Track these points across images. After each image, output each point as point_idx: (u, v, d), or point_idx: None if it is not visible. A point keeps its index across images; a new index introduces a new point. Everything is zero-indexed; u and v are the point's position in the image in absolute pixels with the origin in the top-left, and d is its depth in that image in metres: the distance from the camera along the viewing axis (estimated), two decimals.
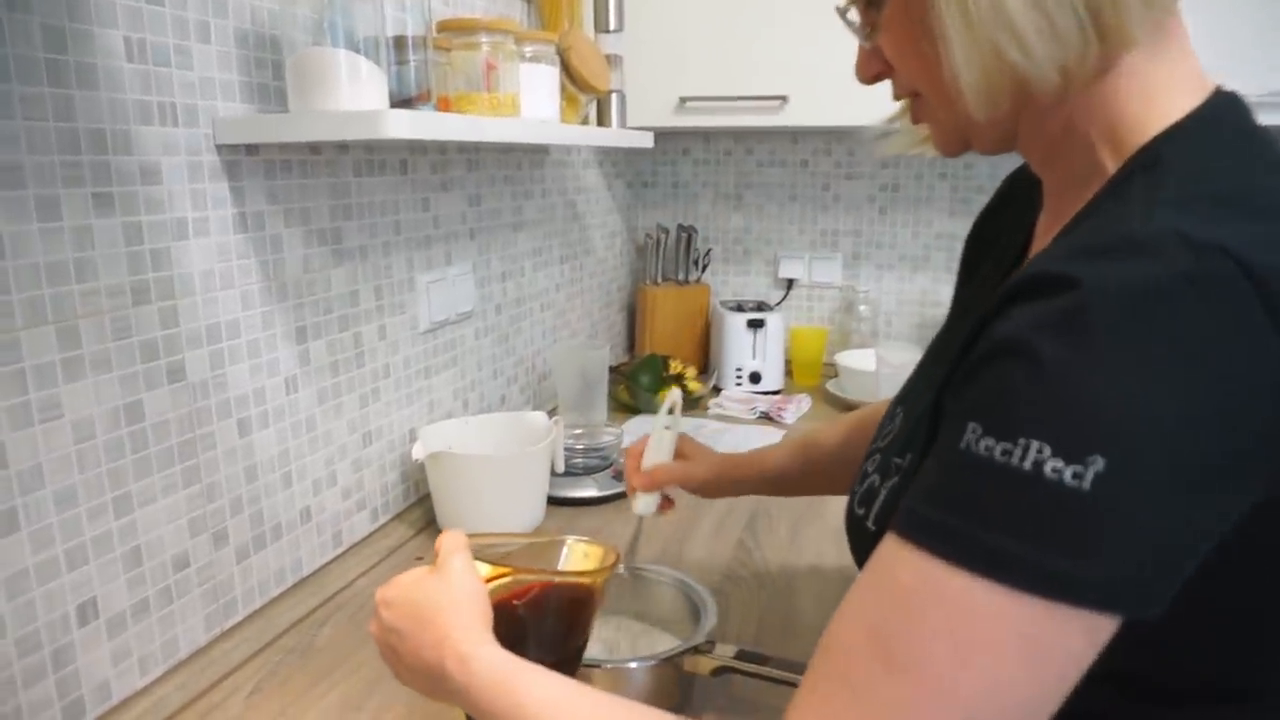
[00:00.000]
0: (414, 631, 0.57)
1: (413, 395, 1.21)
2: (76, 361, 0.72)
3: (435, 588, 0.59)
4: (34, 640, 0.70)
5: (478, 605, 0.58)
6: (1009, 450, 0.42)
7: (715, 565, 1.09)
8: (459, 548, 0.62)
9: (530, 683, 0.53)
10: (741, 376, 1.86)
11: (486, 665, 0.54)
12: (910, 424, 0.60)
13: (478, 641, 0.55)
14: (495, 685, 0.53)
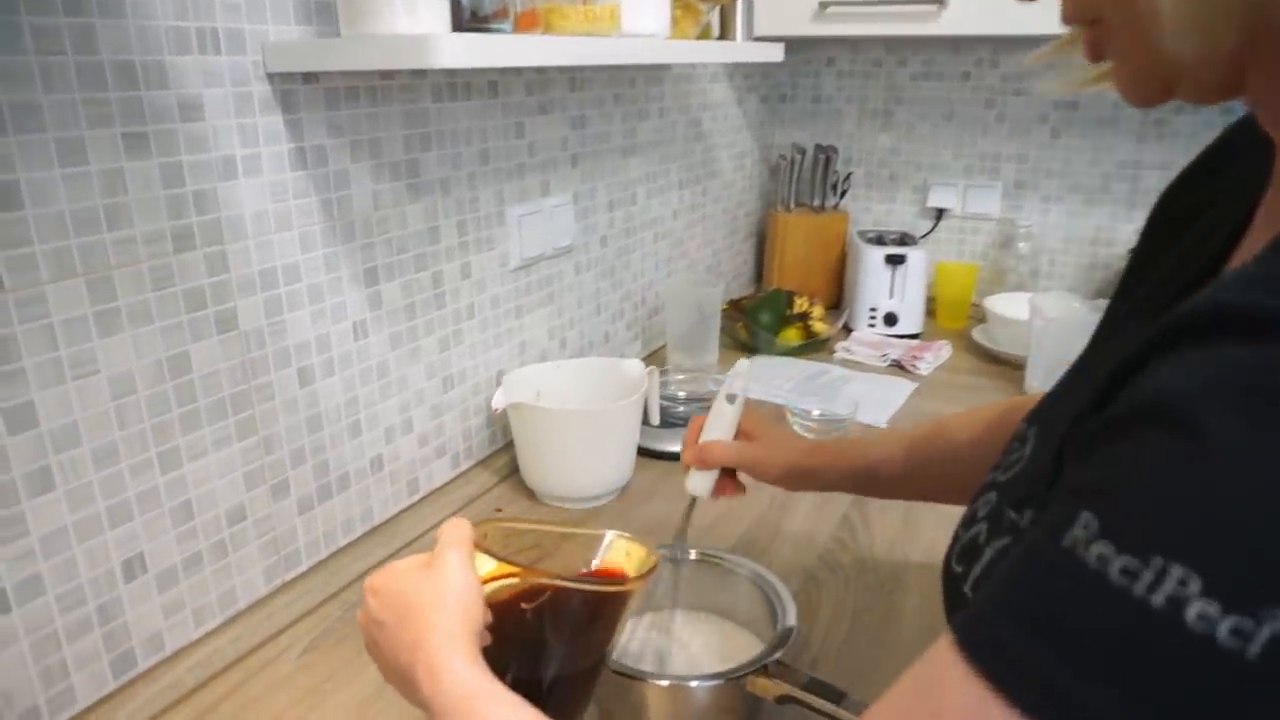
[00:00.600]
0: (394, 627, 0.52)
1: (501, 336, 1.15)
2: (111, 314, 0.68)
3: (422, 582, 0.53)
4: (77, 596, 0.69)
5: (464, 607, 0.51)
6: (1133, 571, 0.29)
7: (812, 545, 0.99)
8: (457, 540, 0.55)
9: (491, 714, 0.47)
10: (875, 317, 1.69)
11: (453, 683, 0.48)
12: (1037, 467, 0.46)
13: (452, 652, 0.49)
14: (457, 710, 0.47)
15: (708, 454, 0.77)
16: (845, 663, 0.79)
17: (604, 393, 1.14)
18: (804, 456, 0.78)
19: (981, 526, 0.48)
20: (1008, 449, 0.53)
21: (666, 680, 0.67)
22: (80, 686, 0.70)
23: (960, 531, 0.51)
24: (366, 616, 0.55)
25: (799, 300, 1.63)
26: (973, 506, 0.52)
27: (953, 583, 0.49)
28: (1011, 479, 0.49)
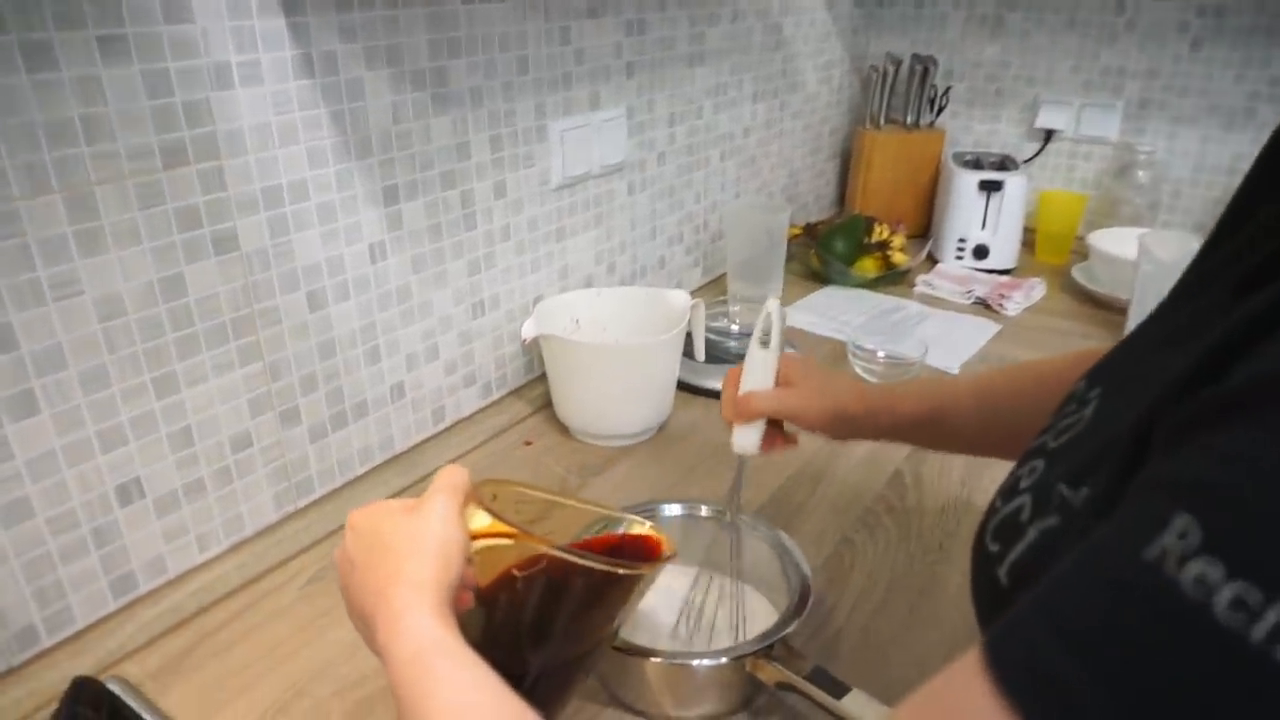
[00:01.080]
0: (365, 568, 0.48)
1: (539, 260, 1.09)
2: (94, 234, 0.65)
3: (402, 524, 0.49)
4: (69, 520, 0.68)
5: (442, 557, 0.47)
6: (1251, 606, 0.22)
7: (854, 504, 0.91)
8: (449, 487, 0.50)
9: (446, 678, 0.42)
10: (964, 249, 1.55)
11: (411, 635, 0.44)
12: (1103, 437, 0.38)
13: (418, 602, 0.45)
14: (411, 664, 0.43)
15: (746, 406, 0.70)
16: (870, 641, 0.73)
17: (647, 324, 1.07)
18: (852, 401, 0.70)
19: (1024, 500, 0.40)
20: (1061, 409, 0.45)
21: (665, 659, 0.62)
22: (78, 606, 0.70)
23: (998, 503, 0.43)
24: (342, 553, 0.51)
25: (879, 228, 1.50)
26: (1015, 474, 0.44)
27: (986, 563, 0.41)
28: (1065, 446, 0.42)
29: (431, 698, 0.41)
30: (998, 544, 0.41)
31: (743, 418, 0.70)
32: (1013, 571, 0.39)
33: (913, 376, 1.17)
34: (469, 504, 0.52)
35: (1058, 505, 0.38)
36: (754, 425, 0.70)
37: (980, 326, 1.34)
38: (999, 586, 0.39)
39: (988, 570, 0.41)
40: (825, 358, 1.24)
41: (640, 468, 0.98)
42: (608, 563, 0.52)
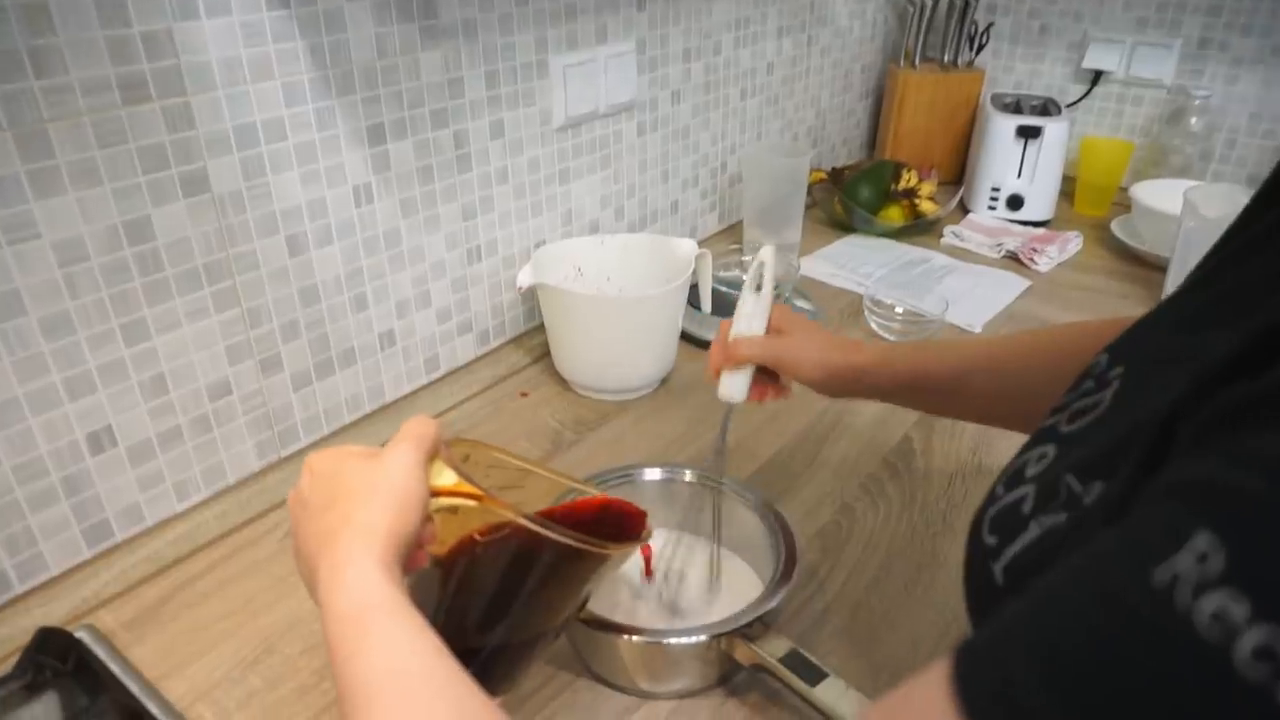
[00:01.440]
0: (316, 512, 0.46)
1: (540, 204, 1.04)
2: (49, 174, 0.62)
3: (360, 470, 0.46)
4: (37, 468, 0.67)
5: (397, 508, 0.44)
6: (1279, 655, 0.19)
7: (856, 469, 0.87)
8: (415, 436, 0.48)
9: (380, 639, 0.40)
10: (998, 198, 1.47)
11: (352, 588, 0.41)
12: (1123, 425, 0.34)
13: (364, 553, 0.42)
14: (347, 620, 0.40)
15: (733, 351, 0.67)
16: (860, 618, 0.69)
17: (652, 274, 1.02)
18: (846, 354, 0.66)
19: (1028, 490, 0.37)
20: (1078, 386, 0.41)
21: (639, 637, 0.59)
22: (50, 554, 0.70)
23: (999, 490, 0.39)
24: (296, 494, 0.48)
25: (907, 174, 1.42)
26: (1021, 458, 0.40)
27: (980, 556, 0.37)
28: (1080, 431, 0.37)
29: (361, 659, 0.39)
30: (995, 536, 0.37)
31: (730, 363, 0.67)
32: (1010, 570, 0.35)
33: (931, 335, 1.12)
34: (436, 459, 0.49)
35: (1065, 500, 0.34)
36: (742, 372, 0.67)
37: (1008, 282, 1.27)
38: (993, 584, 0.36)
39: (982, 564, 0.37)
40: (841, 312, 1.19)
41: (639, 423, 0.95)
42: (575, 538, 0.49)
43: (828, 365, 0.66)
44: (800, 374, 0.67)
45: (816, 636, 0.68)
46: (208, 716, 0.61)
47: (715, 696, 0.63)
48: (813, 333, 0.68)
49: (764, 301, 0.68)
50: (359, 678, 0.38)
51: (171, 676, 0.64)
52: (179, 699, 0.62)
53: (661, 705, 0.62)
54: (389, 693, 0.38)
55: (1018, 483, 0.38)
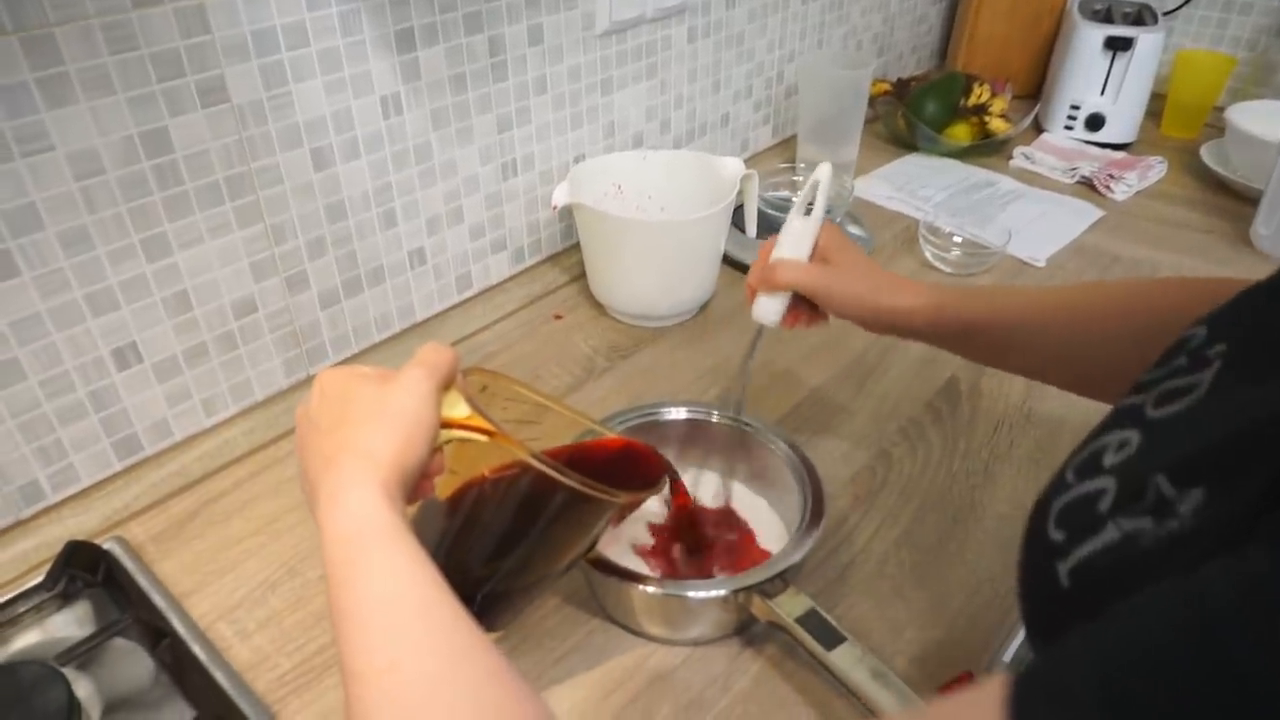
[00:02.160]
0: (323, 432, 0.45)
1: (580, 116, 0.99)
2: (59, 81, 0.59)
3: (371, 392, 0.45)
4: (64, 382, 0.67)
5: (404, 434, 0.43)
6: None
7: (897, 411, 0.83)
8: (429, 364, 0.46)
9: (378, 565, 0.39)
10: (1076, 117, 1.36)
11: (351, 512, 0.40)
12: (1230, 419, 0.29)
13: (367, 478, 0.41)
14: (346, 543, 0.40)
15: (772, 274, 0.64)
16: (886, 573, 0.67)
17: (695, 193, 0.97)
18: (892, 294, 0.62)
19: (1107, 483, 0.32)
20: (1168, 361, 0.36)
21: (656, 588, 0.57)
22: (81, 466, 0.70)
23: (1070, 477, 0.35)
24: (304, 411, 0.47)
25: (978, 89, 1.32)
26: (1096, 442, 0.35)
27: (1043, 551, 0.33)
28: (1172, 419, 0.33)
29: (357, 584, 0.38)
30: (1063, 532, 0.33)
31: (767, 286, 0.64)
32: (1079, 573, 0.31)
33: (990, 268, 1.06)
34: (451, 388, 0.47)
35: (1154, 503, 0.29)
36: (779, 296, 0.64)
37: (1080, 211, 1.19)
38: (1057, 585, 0.32)
39: (1045, 561, 0.33)
40: (895, 238, 1.13)
41: (674, 351, 0.92)
42: (585, 483, 0.47)
43: (871, 304, 0.62)
44: (841, 309, 0.63)
45: (840, 589, 0.66)
46: (229, 636, 0.62)
47: (732, 645, 0.62)
48: (861, 265, 0.64)
49: (812, 224, 0.64)
50: (352, 603, 0.38)
51: (195, 593, 0.65)
52: (201, 616, 0.63)
53: (677, 651, 0.61)
54: (382, 620, 0.37)
55: (1093, 472, 0.34)
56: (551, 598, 0.65)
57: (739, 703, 0.58)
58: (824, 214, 0.65)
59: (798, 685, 0.59)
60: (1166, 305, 0.54)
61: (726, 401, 0.72)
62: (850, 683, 0.52)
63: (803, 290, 0.64)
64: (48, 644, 0.61)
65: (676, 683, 0.59)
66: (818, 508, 0.62)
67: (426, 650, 0.37)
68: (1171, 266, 1.06)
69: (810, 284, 0.63)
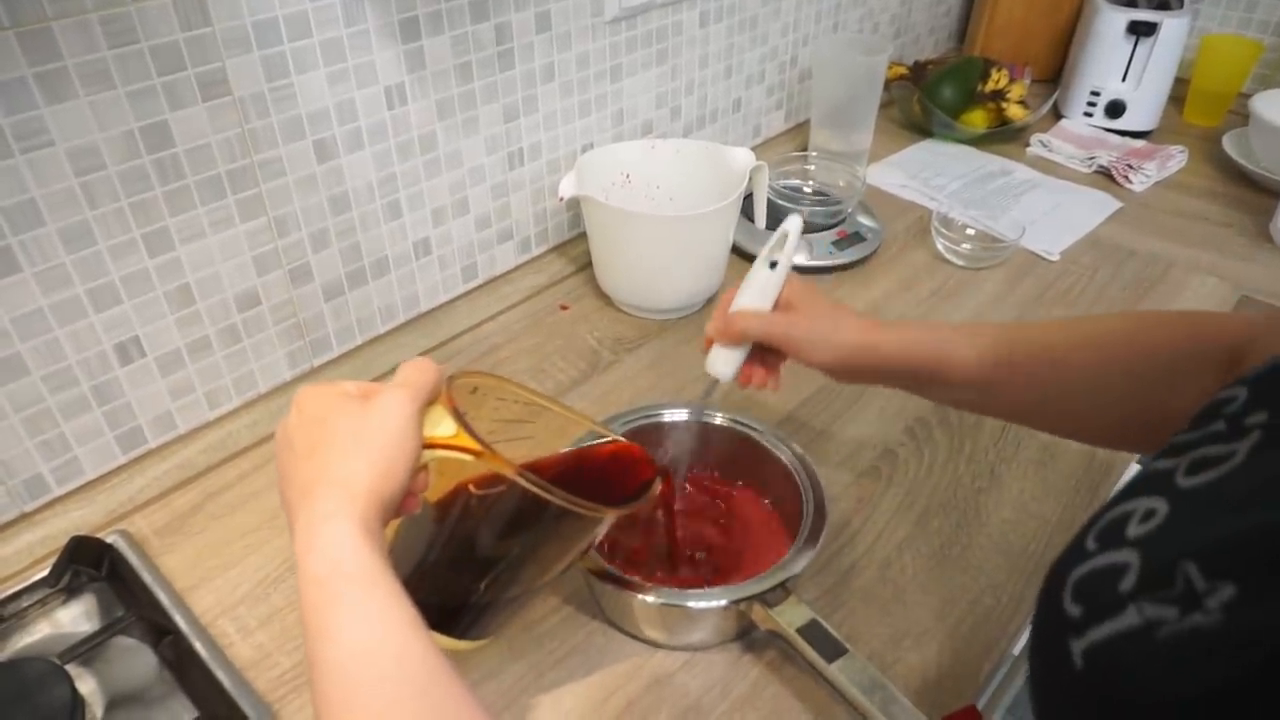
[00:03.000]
0: (300, 456, 0.43)
1: (589, 104, 0.97)
2: (58, 76, 0.58)
3: (349, 414, 0.44)
4: (66, 377, 0.67)
5: (384, 464, 0.42)
6: None
7: (904, 411, 0.82)
8: (412, 385, 0.45)
9: (353, 611, 0.38)
10: (1095, 104, 1.34)
11: (328, 550, 0.39)
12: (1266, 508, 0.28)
13: (344, 511, 0.40)
14: (320, 584, 0.39)
15: (733, 325, 0.60)
16: (888, 577, 0.67)
17: (704, 184, 0.96)
18: (859, 333, 0.59)
19: (1130, 558, 0.30)
20: (1202, 425, 0.33)
21: (656, 597, 0.57)
22: (86, 459, 0.71)
23: (1090, 544, 0.32)
24: (283, 431, 0.46)
25: (996, 74, 1.30)
26: (1119, 508, 0.32)
27: (1057, 624, 0.31)
28: (1204, 489, 0.30)
29: (331, 634, 0.37)
30: (1080, 607, 0.30)
31: (725, 337, 0.61)
32: (1094, 655, 0.29)
33: (1003, 261, 1.04)
34: (436, 404, 0.46)
35: (1181, 594, 0.27)
36: (736, 349, 0.61)
37: (1097, 202, 1.17)
38: (1069, 664, 0.30)
39: (1058, 636, 0.31)
40: (906, 230, 1.11)
41: (681, 345, 0.91)
42: (572, 501, 0.47)
43: (838, 346, 0.59)
44: (807, 355, 0.60)
45: (840, 594, 0.65)
46: (231, 633, 0.62)
47: (731, 650, 0.62)
48: (825, 310, 0.61)
49: (777, 276, 0.61)
50: (329, 657, 0.37)
51: (198, 588, 0.65)
52: (204, 613, 0.63)
53: (676, 655, 0.61)
54: (358, 675, 0.36)
55: (1115, 542, 0.31)
56: (551, 599, 0.65)
57: (737, 708, 0.58)
58: (789, 268, 0.61)
59: (797, 691, 0.59)
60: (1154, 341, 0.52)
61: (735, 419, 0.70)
62: (850, 696, 0.52)
63: (764, 339, 0.61)
64: (52, 639, 0.62)
65: (675, 687, 0.59)
66: (820, 515, 0.62)
67: (405, 705, 0.35)
68: (1187, 261, 1.04)
69: (770, 332, 0.60)
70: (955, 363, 0.57)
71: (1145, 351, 0.51)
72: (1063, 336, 0.56)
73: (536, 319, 0.94)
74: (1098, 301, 0.98)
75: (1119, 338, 0.53)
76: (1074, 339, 0.55)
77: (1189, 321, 0.50)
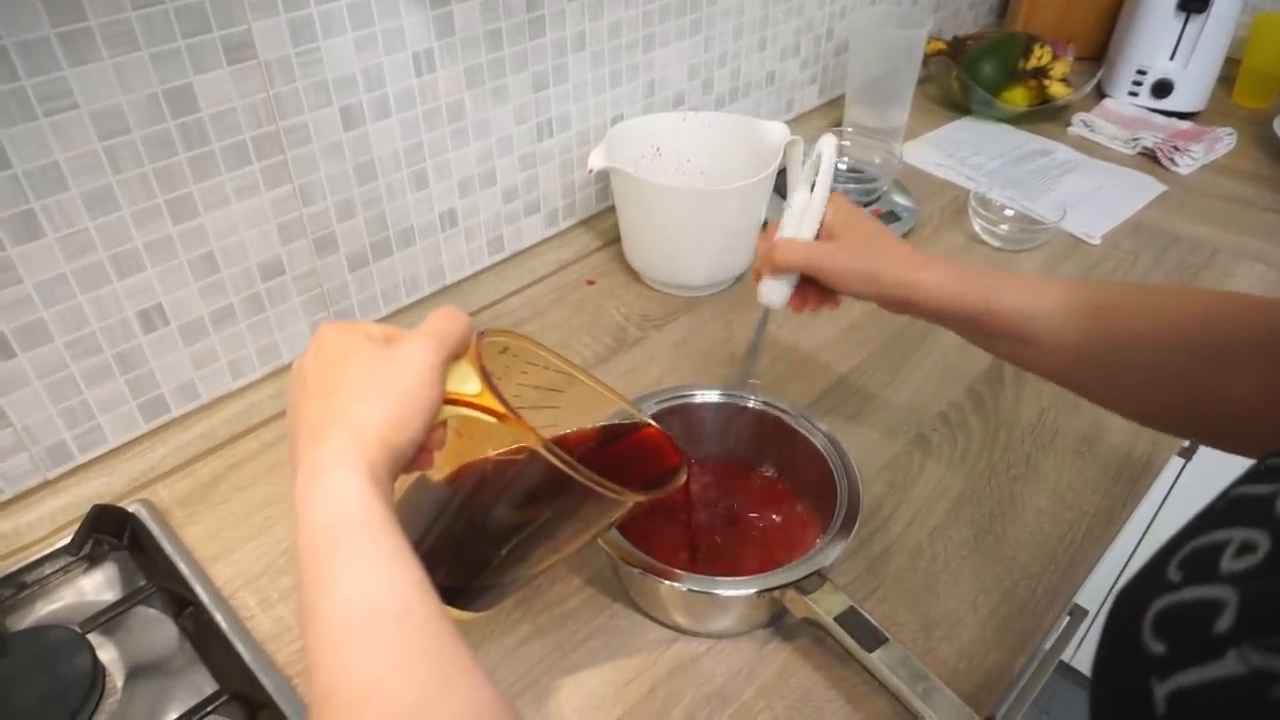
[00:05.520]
0: (314, 397, 0.41)
1: (620, 74, 0.95)
2: (82, 37, 0.57)
3: (370, 358, 0.41)
4: (90, 344, 0.66)
5: (400, 411, 0.40)
6: None
7: (939, 394, 0.80)
8: (438, 333, 0.42)
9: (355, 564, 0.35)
10: (1141, 83, 1.29)
11: (332, 497, 0.37)
12: None
13: (352, 456, 0.38)
14: (321, 533, 0.36)
15: (775, 254, 0.60)
16: (919, 565, 0.65)
17: (736, 158, 0.94)
18: (900, 268, 0.58)
19: (1225, 594, 0.26)
20: None
21: (685, 584, 0.55)
22: (108, 427, 0.70)
23: (1173, 575, 0.29)
24: (299, 367, 0.44)
25: (1039, 51, 1.26)
26: (1211, 536, 0.29)
27: (1136, 663, 0.27)
28: None
29: (332, 585, 0.35)
30: (1165, 644, 0.27)
31: (769, 268, 0.61)
32: (1181, 701, 0.26)
33: (1041, 244, 1.01)
34: (463, 359, 0.44)
35: None
36: (784, 277, 0.62)
37: (1140, 185, 1.13)
38: (1149, 708, 0.26)
39: (1135, 673, 0.27)
40: (942, 210, 1.08)
41: (709, 323, 0.89)
42: (598, 482, 0.45)
43: (876, 279, 0.58)
44: (846, 285, 0.59)
45: (870, 581, 0.64)
46: (251, 605, 0.62)
47: (757, 635, 0.61)
48: (869, 239, 0.60)
49: (816, 201, 0.61)
50: (325, 607, 0.34)
51: (219, 559, 0.65)
52: (225, 584, 0.63)
53: (701, 640, 0.60)
54: (357, 632, 0.34)
55: (1206, 574, 0.27)
56: (573, 579, 0.64)
57: (763, 695, 0.57)
58: (828, 190, 0.61)
59: (825, 678, 0.58)
60: (1219, 318, 0.49)
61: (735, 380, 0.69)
62: (892, 687, 0.50)
63: (803, 270, 0.61)
64: (73, 608, 0.61)
65: (699, 673, 0.58)
66: (854, 503, 0.60)
67: (410, 668, 0.33)
68: (1234, 248, 1.01)
69: (810, 262, 0.60)
70: (998, 311, 0.55)
71: (1207, 329, 0.48)
72: (1123, 298, 0.54)
73: (563, 294, 0.93)
74: None
75: (1183, 309, 0.51)
76: (1134, 303, 0.53)
77: (1260, 308, 0.47)
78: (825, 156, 0.61)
